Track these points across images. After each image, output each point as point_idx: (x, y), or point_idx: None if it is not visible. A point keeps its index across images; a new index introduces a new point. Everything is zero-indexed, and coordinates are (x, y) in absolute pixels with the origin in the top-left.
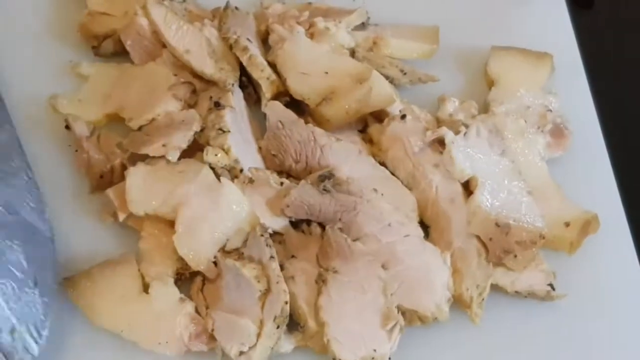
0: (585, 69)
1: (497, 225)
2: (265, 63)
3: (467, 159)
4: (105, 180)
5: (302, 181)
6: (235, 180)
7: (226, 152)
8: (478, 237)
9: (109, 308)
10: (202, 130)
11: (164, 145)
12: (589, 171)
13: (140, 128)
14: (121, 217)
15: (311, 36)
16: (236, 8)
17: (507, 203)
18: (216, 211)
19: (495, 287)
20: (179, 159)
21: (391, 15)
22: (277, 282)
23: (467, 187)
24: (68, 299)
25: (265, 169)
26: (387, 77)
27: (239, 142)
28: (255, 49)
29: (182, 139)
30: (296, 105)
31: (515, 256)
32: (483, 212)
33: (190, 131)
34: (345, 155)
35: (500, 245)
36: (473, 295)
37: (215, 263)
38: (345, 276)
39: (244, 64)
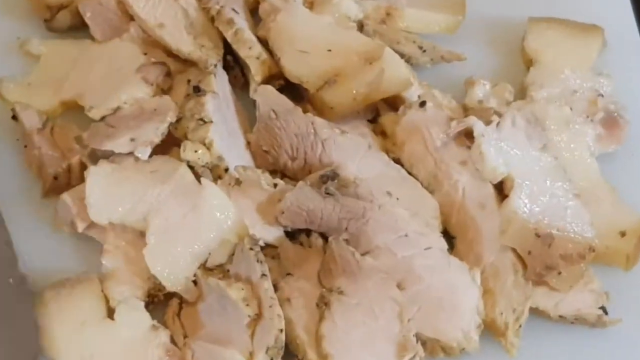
0: None
1: (537, 235)
2: (254, 39)
3: (500, 155)
4: (60, 182)
5: (300, 182)
6: (219, 182)
7: (208, 147)
8: (514, 251)
9: (67, 336)
10: (178, 121)
11: (131, 140)
12: None
13: (103, 118)
14: (80, 226)
15: (310, 6)
16: None
17: (549, 208)
18: (196, 219)
19: (535, 311)
20: (151, 155)
21: None
22: (271, 306)
23: (501, 190)
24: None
25: (255, 168)
26: (402, 56)
27: (224, 135)
28: (242, 21)
29: (153, 132)
30: (292, 91)
31: (560, 273)
32: (520, 219)
33: (164, 122)
34: (352, 151)
35: (541, 259)
36: (508, 320)
37: (195, 282)
38: (353, 298)
39: (229, 40)
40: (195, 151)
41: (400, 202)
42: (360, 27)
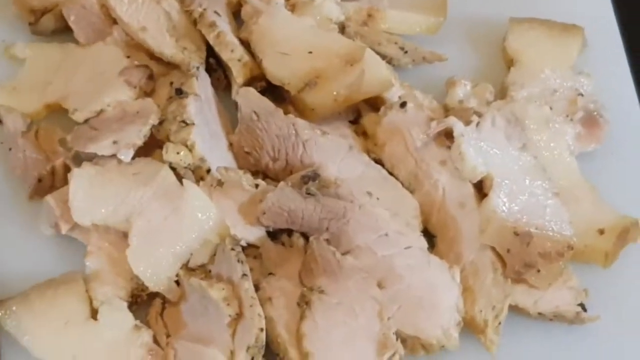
0: (624, 44)
1: (515, 234)
2: (236, 42)
3: (479, 155)
4: (44, 184)
5: (282, 183)
6: (201, 183)
7: (190, 149)
8: (493, 249)
9: (50, 337)
10: (160, 123)
11: (114, 142)
12: (628, 168)
13: (86, 121)
14: (64, 228)
15: (292, 8)
16: None
17: (528, 207)
18: (177, 220)
19: (514, 309)
20: (133, 157)
21: None
22: (251, 305)
23: (481, 189)
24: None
25: (237, 169)
26: (384, 57)
27: (205, 137)
28: (224, 24)
29: (136, 135)
30: (274, 92)
31: (538, 271)
32: (499, 218)
33: (147, 125)
34: (332, 152)
35: (520, 258)
36: (488, 318)
37: (177, 282)
38: (334, 297)
39: (211, 42)
40: (178, 153)
41: (380, 202)
42: (342, 28)
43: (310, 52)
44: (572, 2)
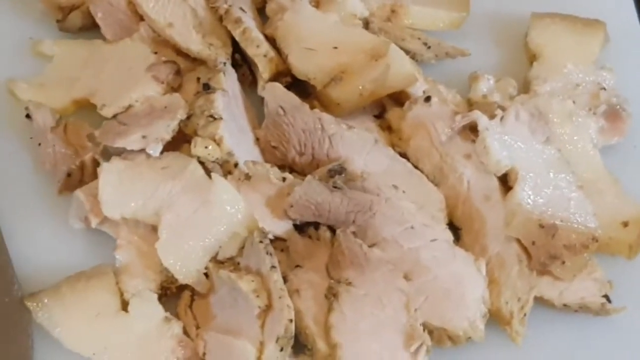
0: None
1: (541, 226)
2: (262, 37)
3: (504, 148)
4: (74, 178)
5: (309, 177)
6: (229, 177)
7: (218, 143)
8: (519, 241)
9: (82, 329)
10: (188, 118)
11: (143, 137)
12: None
13: (114, 116)
14: (94, 222)
15: (316, 4)
16: None
17: (552, 200)
18: (206, 213)
19: (539, 300)
20: (162, 152)
21: None
22: (280, 297)
23: (505, 182)
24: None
25: (265, 163)
26: (407, 52)
27: (233, 132)
28: (250, 20)
29: (164, 129)
30: (300, 87)
31: (563, 263)
32: (524, 211)
33: (175, 120)
34: (358, 146)
35: (545, 250)
36: (513, 309)
37: (206, 275)
38: (361, 289)
39: (237, 38)
40: (206, 147)
41: (406, 195)
42: (366, 24)
43: (336, 48)
44: None
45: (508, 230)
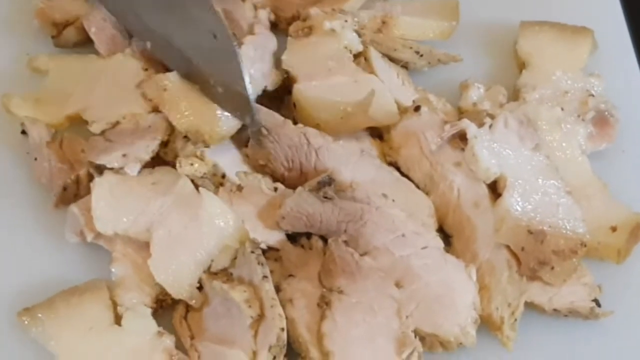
0: (634, 45)
1: (529, 232)
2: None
3: (493, 156)
4: (69, 193)
5: (299, 188)
6: (221, 189)
7: (201, 158)
8: (508, 247)
9: (76, 342)
10: (167, 145)
11: (123, 156)
12: (639, 166)
13: (103, 132)
14: (89, 236)
15: (309, 30)
16: None
17: (541, 206)
18: (197, 228)
19: (530, 305)
20: (153, 166)
21: None
22: (272, 306)
23: (495, 189)
24: (25, 333)
25: (256, 173)
26: (400, 62)
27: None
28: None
29: (144, 150)
30: (279, 100)
31: (553, 268)
32: (513, 217)
33: (155, 141)
34: (345, 157)
35: (534, 255)
36: (504, 315)
37: (200, 286)
38: (353, 297)
39: None
40: (191, 164)
41: (395, 203)
42: (358, 35)
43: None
44: (582, 5)
45: (497, 236)
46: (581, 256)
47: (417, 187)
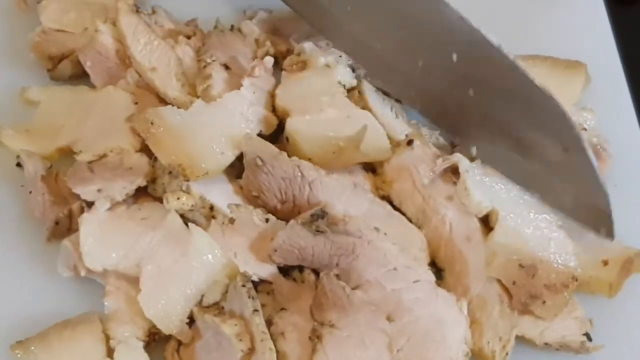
0: (627, 79)
1: (521, 266)
2: None
3: (484, 190)
4: (62, 226)
5: (292, 221)
6: (213, 222)
7: (187, 192)
8: (499, 281)
9: None
10: (154, 181)
11: (98, 191)
12: (632, 200)
13: (89, 163)
14: (83, 271)
15: (303, 65)
16: (232, 27)
17: (533, 240)
18: (186, 263)
19: (521, 339)
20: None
21: None
22: (262, 340)
23: (487, 222)
24: None
25: (248, 205)
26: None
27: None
28: (220, 81)
29: (119, 191)
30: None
31: (544, 302)
32: (504, 251)
33: (133, 184)
34: (338, 191)
35: (525, 289)
36: (495, 349)
37: (192, 320)
38: (344, 330)
39: (199, 94)
40: (178, 198)
41: (387, 237)
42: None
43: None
44: (575, 39)
45: (489, 270)
46: (572, 290)
47: (410, 220)
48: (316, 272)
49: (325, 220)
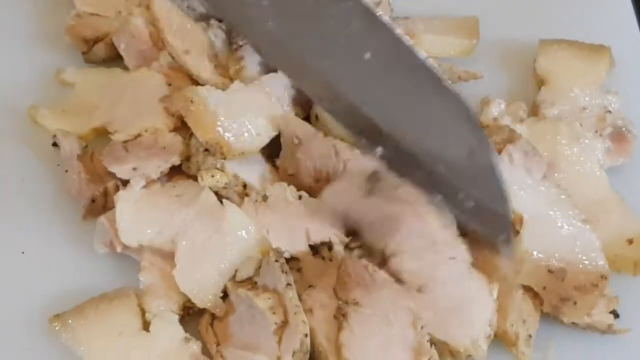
0: None
1: (550, 271)
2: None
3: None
4: (97, 204)
5: (344, 182)
6: (246, 199)
7: (221, 169)
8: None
9: (104, 347)
10: (188, 159)
11: (133, 169)
12: None
13: (125, 142)
14: (119, 247)
15: None
16: None
17: (559, 242)
18: (220, 239)
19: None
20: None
21: (422, 6)
22: (295, 313)
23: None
24: (57, 340)
25: (281, 182)
26: None
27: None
28: (254, 63)
29: (154, 169)
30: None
31: (575, 303)
32: (532, 259)
33: (167, 163)
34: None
35: (556, 293)
36: (519, 331)
37: (225, 295)
38: (368, 308)
39: (232, 75)
40: (212, 176)
41: (433, 210)
42: None
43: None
44: (599, 23)
45: (519, 279)
46: (602, 289)
47: None
48: (348, 247)
49: (380, 184)
